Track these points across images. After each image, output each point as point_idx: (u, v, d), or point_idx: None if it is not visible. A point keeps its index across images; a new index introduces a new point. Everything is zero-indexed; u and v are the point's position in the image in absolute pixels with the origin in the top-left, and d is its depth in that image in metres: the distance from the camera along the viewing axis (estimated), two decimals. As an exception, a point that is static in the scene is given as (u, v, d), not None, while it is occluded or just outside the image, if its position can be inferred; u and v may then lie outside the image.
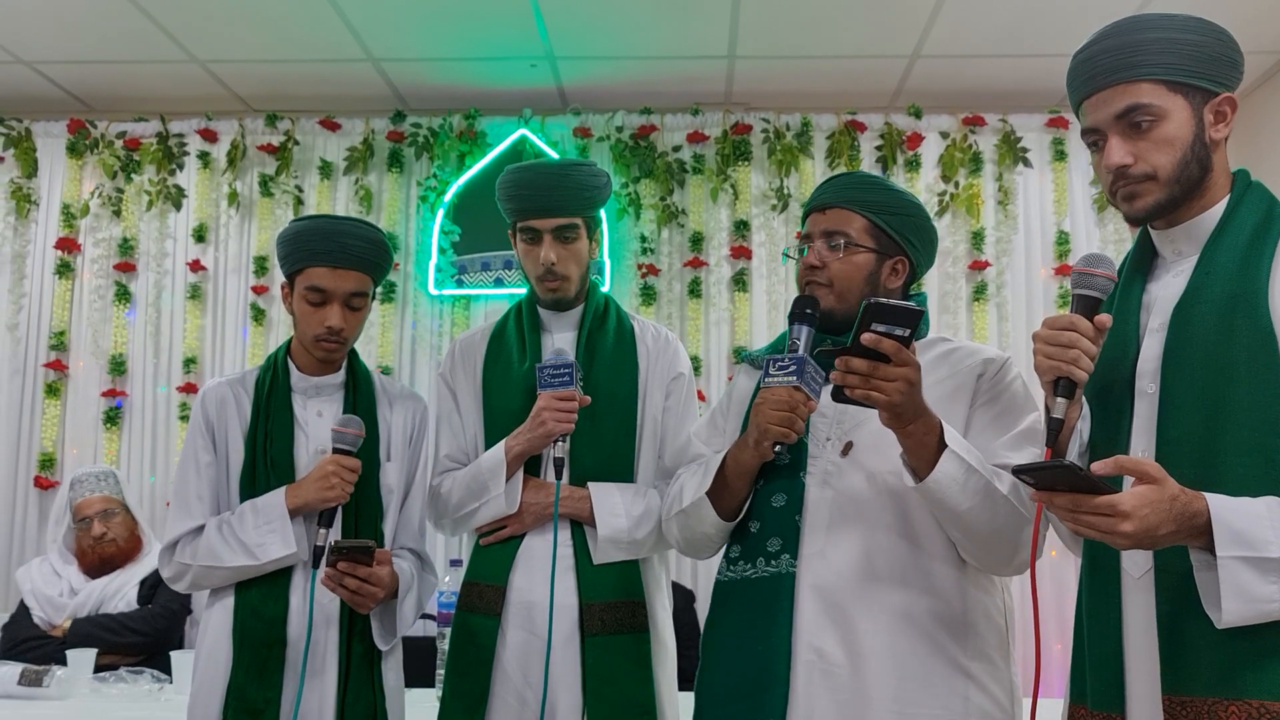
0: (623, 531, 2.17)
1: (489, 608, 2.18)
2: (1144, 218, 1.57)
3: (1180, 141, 1.52)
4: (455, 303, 4.74)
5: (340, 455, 2.15)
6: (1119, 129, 1.54)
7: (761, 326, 4.67)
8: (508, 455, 2.19)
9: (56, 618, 3.51)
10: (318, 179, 4.81)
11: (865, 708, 1.73)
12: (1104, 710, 1.51)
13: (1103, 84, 1.55)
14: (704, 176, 4.73)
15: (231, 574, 2.16)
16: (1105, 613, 1.53)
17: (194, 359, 4.73)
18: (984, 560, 1.78)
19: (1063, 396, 1.49)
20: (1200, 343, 1.47)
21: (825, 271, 1.90)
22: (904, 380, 1.60)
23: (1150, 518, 1.32)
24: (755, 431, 1.79)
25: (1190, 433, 1.45)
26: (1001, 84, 4.57)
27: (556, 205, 2.23)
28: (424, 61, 4.45)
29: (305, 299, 2.22)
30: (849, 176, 2.02)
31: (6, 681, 2.97)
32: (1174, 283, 1.56)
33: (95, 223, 4.82)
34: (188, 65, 4.47)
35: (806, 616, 1.77)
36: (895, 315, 1.59)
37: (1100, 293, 1.52)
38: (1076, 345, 1.48)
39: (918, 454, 1.70)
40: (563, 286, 2.27)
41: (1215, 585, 1.35)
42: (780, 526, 1.83)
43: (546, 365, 2.17)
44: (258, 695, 2.11)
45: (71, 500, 3.65)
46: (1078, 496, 1.34)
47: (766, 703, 1.74)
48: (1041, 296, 4.66)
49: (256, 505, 2.16)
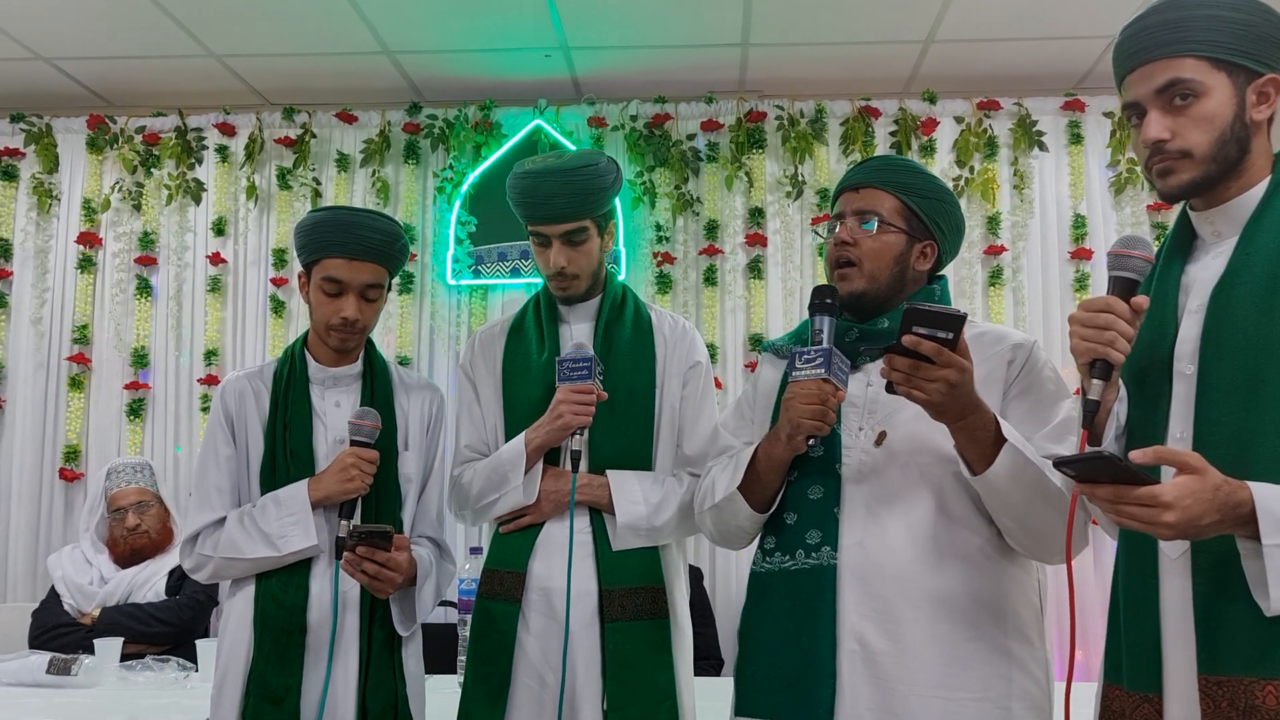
0: (641, 519, 2.19)
1: (509, 594, 2.20)
2: (1177, 195, 1.56)
3: (1220, 120, 1.51)
4: (473, 292, 4.76)
5: (359, 448, 2.18)
6: (1159, 104, 1.53)
7: (777, 314, 4.68)
8: (527, 447, 2.21)
9: (86, 605, 3.56)
10: (335, 171, 4.84)
11: (910, 694, 1.75)
12: (1140, 691, 1.51)
13: (1146, 59, 1.54)
14: (718, 164, 4.73)
15: (252, 565, 2.19)
16: (1143, 594, 1.52)
17: (215, 351, 4.78)
18: (1033, 549, 1.80)
19: (1099, 378, 1.49)
20: (1240, 323, 1.46)
21: (856, 249, 1.91)
22: (944, 381, 1.61)
23: (1193, 508, 1.32)
24: (788, 426, 1.81)
25: (1229, 414, 1.44)
26: (1016, 67, 4.55)
27: (561, 212, 2.23)
28: (439, 53, 4.46)
29: (321, 289, 2.24)
30: (884, 159, 2.04)
31: (36, 670, 3.02)
32: (1213, 264, 1.54)
33: (116, 217, 4.86)
34: (205, 60, 4.50)
35: (849, 608, 1.79)
36: (935, 320, 1.60)
37: (1137, 274, 1.51)
38: (1113, 327, 1.47)
39: (972, 448, 1.71)
40: (573, 285, 2.29)
41: (1263, 573, 1.35)
42: (819, 519, 1.84)
43: (566, 359, 2.19)
44: (278, 682, 2.13)
45: (107, 490, 3.71)
46: (1120, 488, 1.34)
47: (814, 694, 1.77)
48: (1058, 281, 4.64)
49: (279, 497, 2.19)
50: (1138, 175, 4.57)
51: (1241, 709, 1.38)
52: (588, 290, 2.32)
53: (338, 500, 2.16)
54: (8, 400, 4.81)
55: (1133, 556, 1.56)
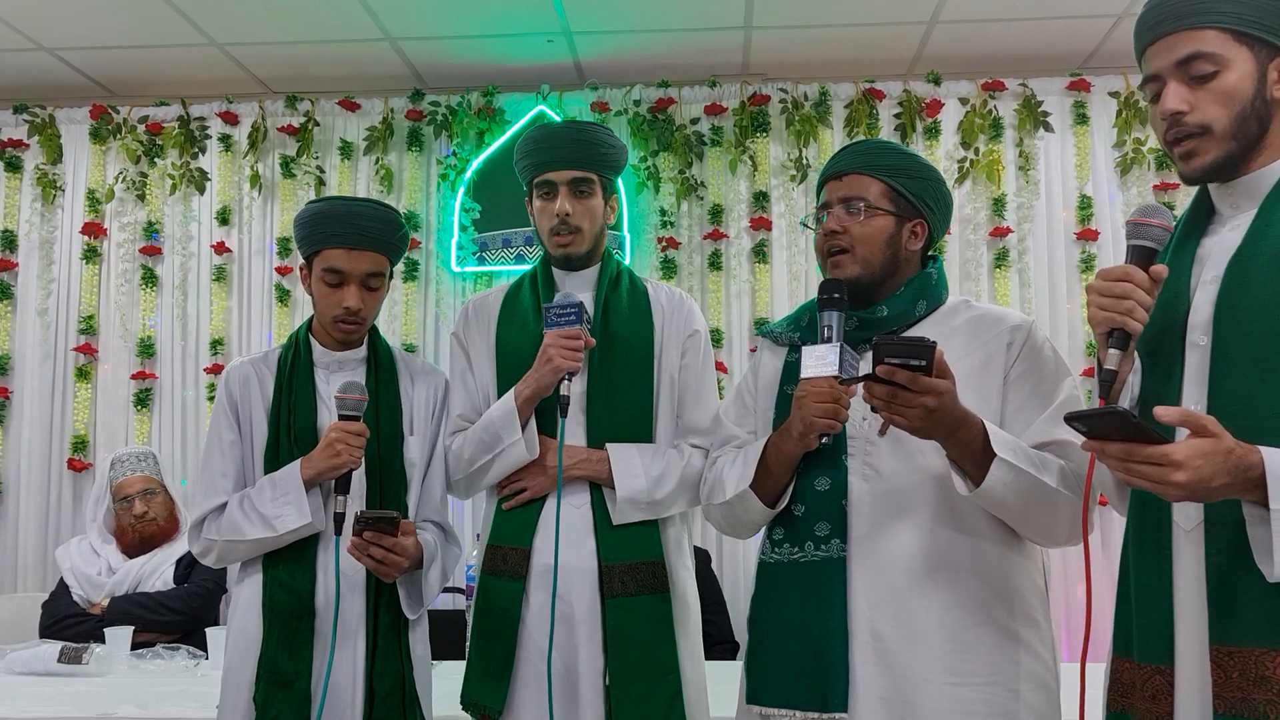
0: (642, 492, 2.19)
1: (513, 571, 2.19)
2: (1200, 178, 1.55)
3: (1240, 96, 1.50)
4: (478, 279, 4.75)
5: (345, 421, 2.16)
6: (1179, 76, 1.51)
7: (782, 297, 4.67)
8: (518, 400, 2.19)
9: (95, 596, 3.58)
10: (338, 159, 4.84)
11: (922, 681, 1.76)
12: (1152, 662, 1.50)
13: (1167, 29, 1.52)
14: (722, 149, 4.72)
15: (253, 546, 2.20)
16: (1156, 565, 1.52)
17: (220, 340, 4.78)
18: (1040, 540, 1.84)
19: (1116, 348, 1.47)
20: (1256, 295, 1.45)
21: (846, 236, 1.91)
22: (922, 407, 1.62)
23: (1204, 469, 1.30)
24: (800, 425, 1.81)
25: (1243, 385, 1.43)
26: (1021, 48, 4.53)
27: (573, 158, 2.26)
28: (441, 40, 4.45)
29: (323, 280, 2.25)
30: (863, 144, 2.02)
31: (47, 659, 3.04)
32: (1230, 236, 1.53)
33: (120, 207, 4.86)
34: (207, 49, 4.49)
35: (860, 599, 1.81)
36: (906, 350, 1.59)
37: (1155, 243, 1.50)
38: (1131, 296, 1.46)
39: (964, 460, 1.72)
40: (575, 241, 2.28)
41: (1268, 539, 1.34)
42: (827, 511, 1.85)
43: (554, 305, 2.19)
44: (289, 666, 2.15)
45: (112, 480, 3.72)
46: (1131, 446, 1.32)
47: (828, 683, 1.78)
48: (1064, 262, 4.61)
49: (274, 479, 2.20)
50: (1143, 155, 4.55)
51: (1253, 679, 1.38)
52: (587, 256, 2.31)
53: (329, 476, 2.16)
54: (15, 392, 4.83)
55: (1145, 528, 1.55)
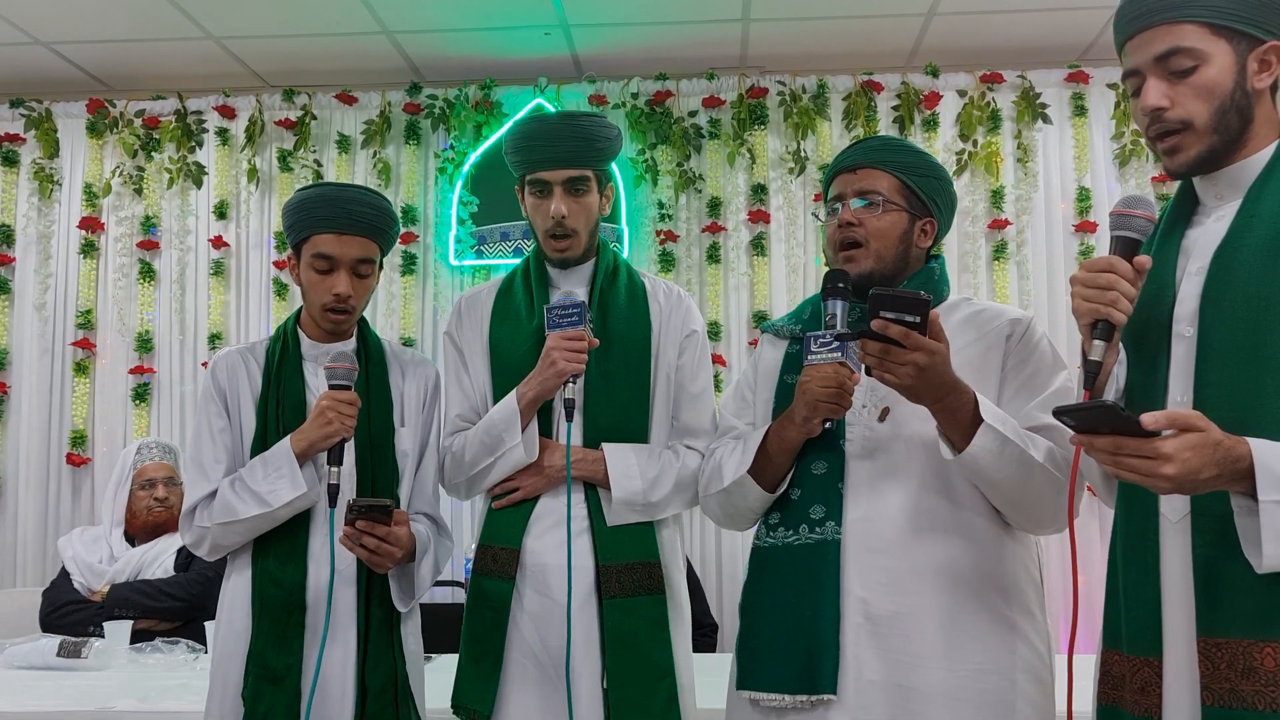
0: (638, 494, 2.16)
1: (504, 570, 2.17)
2: (1185, 173, 1.56)
3: (1220, 90, 1.50)
4: (475, 273, 4.75)
5: (335, 390, 2.14)
6: (1158, 71, 1.52)
7: (781, 290, 4.66)
8: (520, 403, 2.16)
9: (96, 583, 3.59)
10: (336, 153, 4.83)
11: (916, 667, 1.77)
12: (1140, 654, 1.51)
13: (1146, 24, 1.52)
14: (720, 141, 4.71)
15: (248, 527, 2.16)
16: (1143, 557, 1.52)
17: (219, 334, 4.78)
18: (1025, 524, 1.84)
19: (1100, 339, 1.48)
20: (1241, 285, 1.45)
21: (861, 229, 1.92)
22: (913, 365, 1.63)
23: (1192, 461, 1.31)
24: (804, 409, 1.82)
25: (1230, 376, 1.43)
26: (1019, 39, 4.52)
27: (566, 156, 2.19)
28: (438, 33, 4.44)
29: (312, 267, 2.22)
30: (876, 139, 2.05)
31: (46, 653, 3.04)
32: (1215, 227, 1.53)
33: (118, 201, 4.86)
34: (204, 42, 4.48)
35: (853, 580, 1.81)
36: (900, 304, 1.61)
37: (1139, 234, 1.50)
38: (1115, 287, 1.46)
39: (952, 427, 1.73)
40: (571, 243, 2.23)
41: (1256, 530, 1.34)
42: (822, 494, 1.86)
43: (555, 306, 2.15)
44: (278, 661, 2.12)
45: (136, 463, 3.76)
46: (1119, 439, 1.32)
47: (818, 665, 1.78)
48: (1063, 254, 4.62)
49: (265, 457, 2.17)
50: (1142, 147, 4.55)
51: (1240, 671, 1.38)
52: (583, 253, 2.27)
53: (321, 447, 2.13)
54: (13, 386, 4.83)
55: (1132, 520, 1.56)
